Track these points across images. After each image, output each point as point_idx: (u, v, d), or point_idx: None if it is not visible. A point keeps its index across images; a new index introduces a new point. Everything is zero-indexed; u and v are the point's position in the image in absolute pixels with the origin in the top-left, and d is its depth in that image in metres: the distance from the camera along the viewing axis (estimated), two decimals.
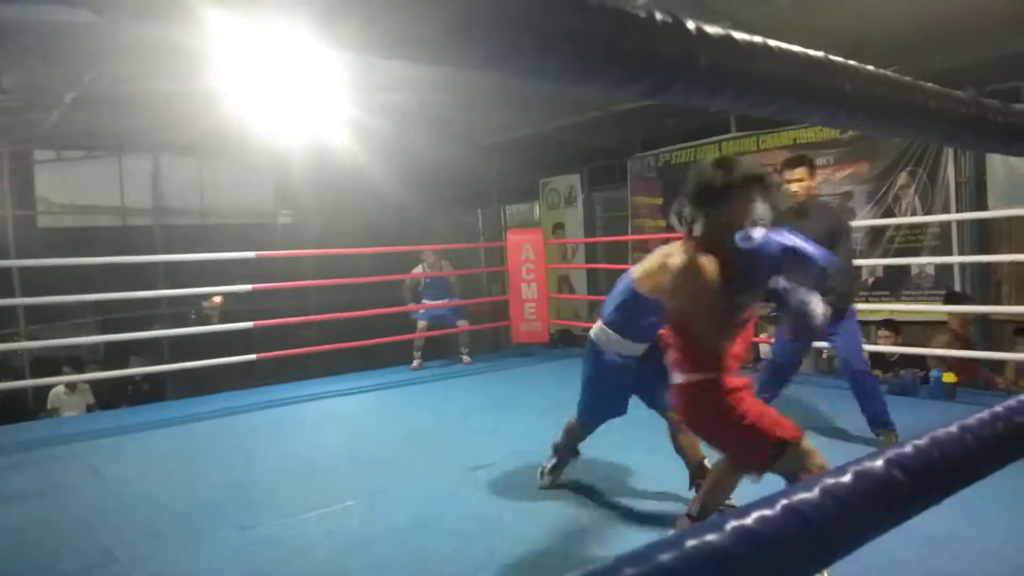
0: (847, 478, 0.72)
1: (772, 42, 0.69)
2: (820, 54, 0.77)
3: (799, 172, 3.95)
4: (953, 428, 0.85)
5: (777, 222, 4.08)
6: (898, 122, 0.87)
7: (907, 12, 4.95)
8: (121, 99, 6.49)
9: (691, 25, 0.60)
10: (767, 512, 0.61)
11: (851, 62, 0.80)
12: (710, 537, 0.56)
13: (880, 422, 3.93)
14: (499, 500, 3.29)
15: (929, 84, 0.91)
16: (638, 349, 3.00)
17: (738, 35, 0.64)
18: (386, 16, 0.49)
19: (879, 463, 0.76)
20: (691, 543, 0.55)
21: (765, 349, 6.56)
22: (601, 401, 3.15)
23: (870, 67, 0.83)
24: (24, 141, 7.98)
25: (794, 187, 3.95)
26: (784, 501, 0.64)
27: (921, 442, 0.82)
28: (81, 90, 6.15)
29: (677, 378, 2.35)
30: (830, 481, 0.70)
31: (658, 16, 0.58)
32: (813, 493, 0.67)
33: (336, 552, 2.82)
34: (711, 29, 0.62)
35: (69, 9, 3.83)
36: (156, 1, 3.74)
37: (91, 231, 8.63)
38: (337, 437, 4.81)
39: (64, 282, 6.34)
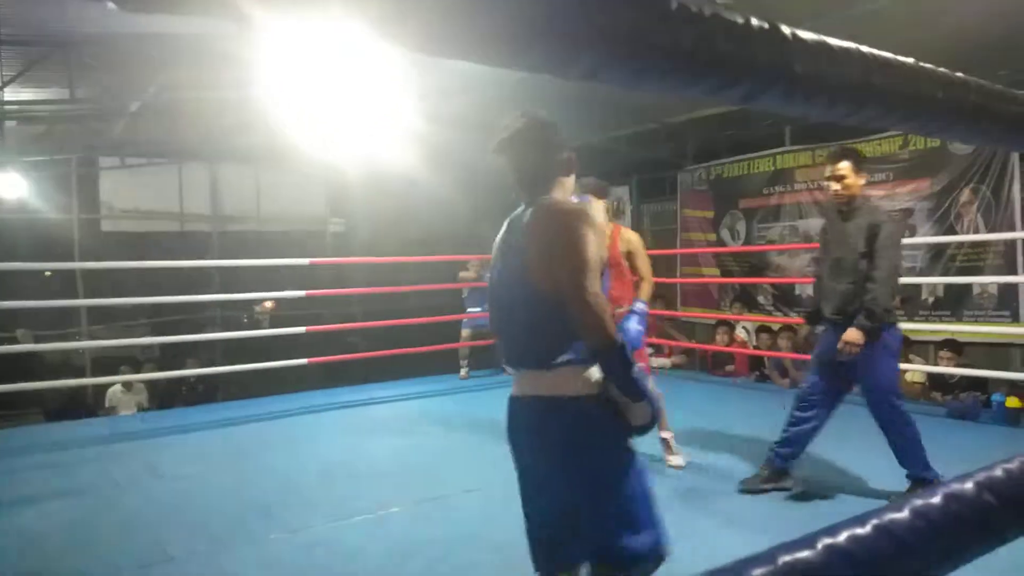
0: (937, 499, 0.69)
1: (865, 48, 0.67)
2: (911, 60, 0.75)
3: (842, 167, 3.28)
4: None
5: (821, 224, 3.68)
6: (990, 130, 0.84)
7: (973, 21, 4.81)
8: (181, 108, 6.71)
9: (787, 31, 0.59)
10: (858, 531, 0.60)
11: (942, 69, 0.78)
12: (803, 554, 0.54)
13: (917, 476, 3.27)
14: None
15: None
16: None
17: (833, 41, 0.63)
18: (492, 20, 0.49)
19: (969, 486, 0.73)
20: (784, 559, 0.53)
21: None
22: None
23: (960, 74, 0.81)
24: (91, 148, 8.31)
25: (835, 186, 3.31)
26: (875, 520, 0.62)
27: (1012, 466, 0.79)
28: (145, 100, 6.38)
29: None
30: (919, 502, 0.68)
31: (754, 22, 0.57)
32: (903, 513, 0.65)
33: (383, 559, 2.84)
34: (807, 35, 0.61)
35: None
36: None
37: (151, 236, 8.91)
38: (384, 443, 4.84)
39: (124, 284, 6.56)
